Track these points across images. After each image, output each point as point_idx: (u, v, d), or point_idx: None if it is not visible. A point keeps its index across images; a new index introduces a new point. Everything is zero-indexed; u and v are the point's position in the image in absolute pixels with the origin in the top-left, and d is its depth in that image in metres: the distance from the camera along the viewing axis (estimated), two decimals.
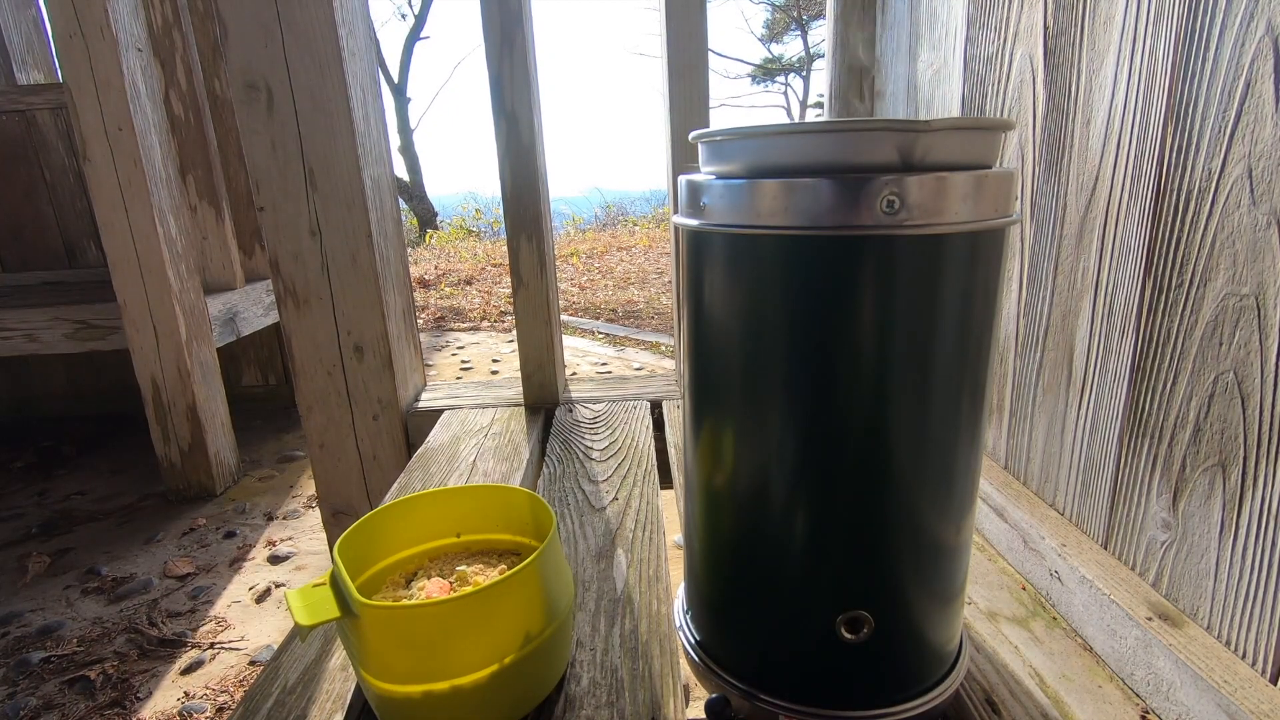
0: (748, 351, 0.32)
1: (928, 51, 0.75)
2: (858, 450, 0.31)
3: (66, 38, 1.51)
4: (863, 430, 0.30)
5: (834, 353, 0.30)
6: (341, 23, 0.84)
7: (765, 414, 0.32)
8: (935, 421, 0.31)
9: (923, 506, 0.31)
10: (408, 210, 9.75)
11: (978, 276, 0.31)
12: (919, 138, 0.29)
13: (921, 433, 0.31)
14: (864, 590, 0.32)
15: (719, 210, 0.32)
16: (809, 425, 0.31)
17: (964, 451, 0.32)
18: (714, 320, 0.33)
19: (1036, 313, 0.58)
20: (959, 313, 0.31)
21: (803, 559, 0.31)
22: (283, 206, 0.89)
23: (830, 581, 0.32)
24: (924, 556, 0.32)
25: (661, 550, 0.60)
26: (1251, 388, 0.39)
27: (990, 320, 0.32)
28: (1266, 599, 0.38)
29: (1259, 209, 0.38)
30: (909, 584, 0.32)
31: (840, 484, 0.31)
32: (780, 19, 17.22)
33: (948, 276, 0.30)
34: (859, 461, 0.31)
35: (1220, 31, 0.40)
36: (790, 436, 0.31)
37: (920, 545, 0.32)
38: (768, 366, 0.32)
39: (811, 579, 0.32)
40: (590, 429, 0.89)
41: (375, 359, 0.94)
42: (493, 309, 3.85)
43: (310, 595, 0.38)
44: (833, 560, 0.31)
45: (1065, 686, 0.44)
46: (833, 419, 0.31)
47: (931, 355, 0.31)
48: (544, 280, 0.96)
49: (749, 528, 0.33)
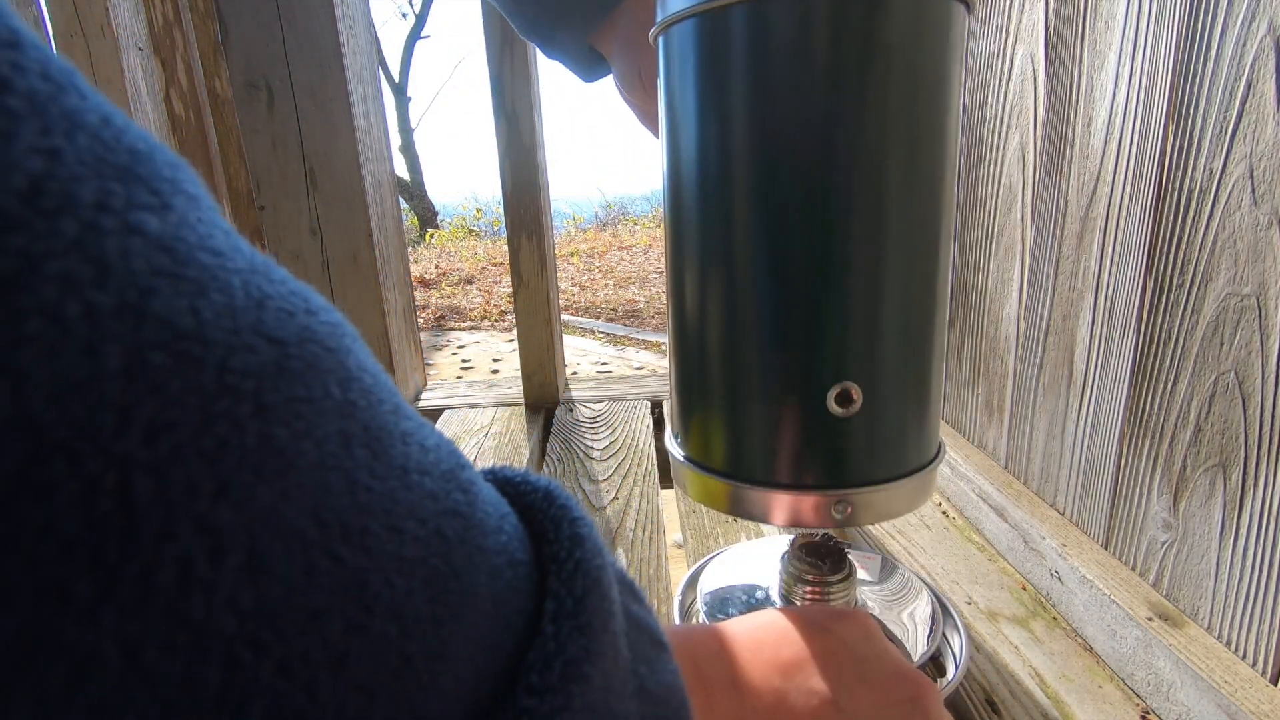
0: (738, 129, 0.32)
1: None
2: (849, 228, 0.32)
3: (67, 37, 1.51)
4: (853, 208, 0.31)
5: (826, 119, 0.31)
6: (342, 21, 0.84)
7: (754, 205, 0.33)
8: (916, 202, 0.32)
9: (913, 273, 0.33)
10: (408, 209, 9.75)
11: (945, 39, 0.32)
12: None
13: (904, 212, 0.32)
14: (856, 361, 0.33)
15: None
16: (804, 208, 0.32)
17: (943, 247, 0.34)
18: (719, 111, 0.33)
19: (1037, 313, 0.58)
20: (925, 78, 0.32)
21: (799, 325, 0.32)
22: (283, 205, 0.89)
23: (825, 350, 0.33)
24: (912, 325, 0.33)
25: (662, 550, 0.60)
26: (1252, 388, 0.39)
27: (941, 84, 0.33)
28: (1267, 599, 0.38)
29: (1260, 209, 0.38)
30: (897, 354, 0.33)
31: (832, 261, 0.32)
32: None
33: (928, 39, 0.31)
34: (851, 238, 0.32)
35: (1221, 32, 0.40)
36: (791, 220, 0.32)
37: (910, 313, 0.33)
38: (759, 143, 0.32)
39: (806, 349, 0.33)
40: (590, 428, 0.89)
41: (375, 358, 0.94)
42: (493, 308, 3.85)
43: None
44: (833, 325, 0.32)
45: (1065, 686, 0.44)
46: (829, 198, 0.31)
47: (914, 120, 0.31)
48: (544, 279, 0.96)
49: (739, 303, 0.34)
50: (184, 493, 0.10)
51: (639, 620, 0.19)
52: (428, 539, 0.14)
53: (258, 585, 0.11)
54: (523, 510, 0.18)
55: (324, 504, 0.12)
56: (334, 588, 0.12)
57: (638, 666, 0.18)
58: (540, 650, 0.15)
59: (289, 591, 0.12)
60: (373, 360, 0.15)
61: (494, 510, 0.17)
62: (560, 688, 0.15)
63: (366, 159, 0.90)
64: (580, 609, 0.16)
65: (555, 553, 0.17)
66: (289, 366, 0.12)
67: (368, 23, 0.93)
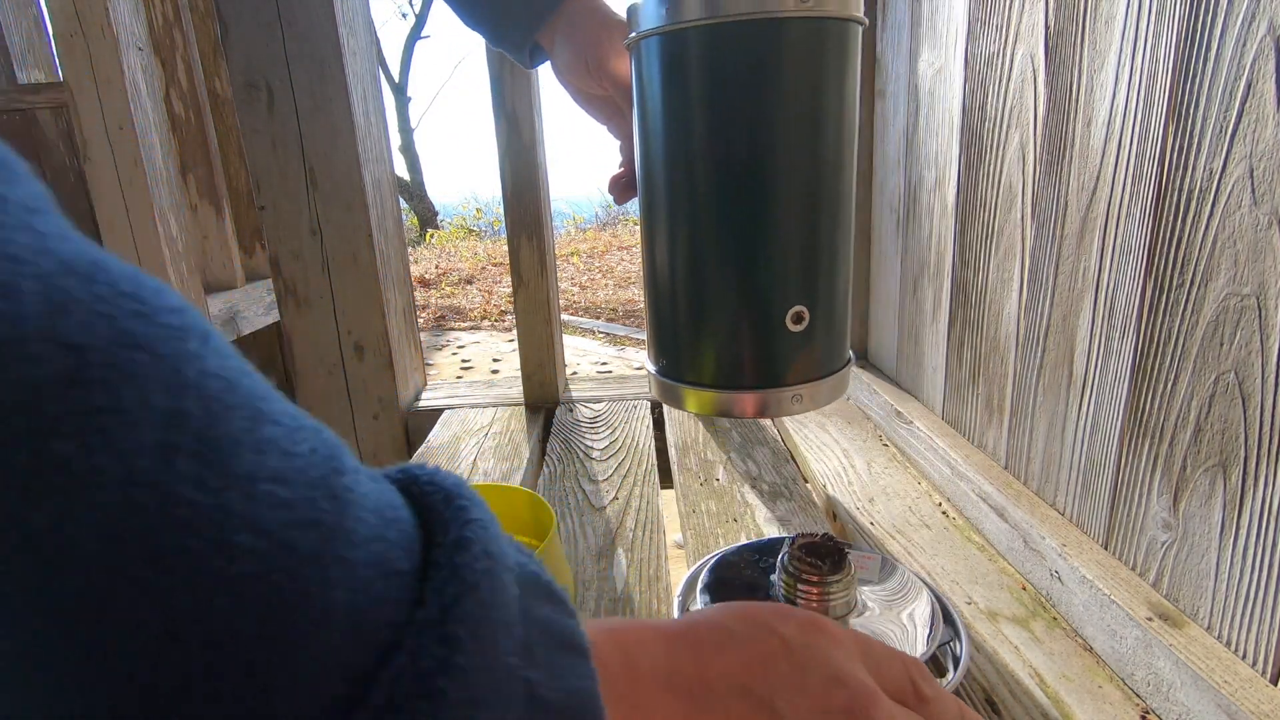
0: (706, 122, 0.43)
1: (928, 51, 0.75)
2: (791, 183, 0.44)
3: (67, 37, 1.51)
4: (790, 170, 0.43)
5: (761, 112, 0.42)
6: (342, 21, 0.84)
7: (714, 174, 0.44)
8: (833, 164, 0.44)
9: (832, 225, 0.45)
10: (408, 209, 9.75)
11: (844, 55, 0.44)
12: None
13: (826, 170, 0.44)
14: (803, 291, 0.45)
15: (689, 7, 0.42)
16: (752, 176, 0.43)
17: (845, 194, 0.46)
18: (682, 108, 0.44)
19: (1037, 313, 0.58)
20: (833, 81, 0.43)
21: (764, 270, 0.44)
22: (283, 205, 0.89)
23: (783, 285, 0.45)
24: (836, 264, 0.46)
25: (662, 550, 0.60)
26: (1252, 388, 0.39)
27: (845, 85, 0.44)
28: (1267, 599, 0.38)
29: (1260, 209, 0.38)
30: (829, 287, 0.46)
31: (779, 210, 0.44)
32: None
33: (824, 51, 0.42)
34: (793, 190, 0.44)
35: (1221, 32, 0.40)
36: (748, 182, 0.43)
37: (833, 256, 0.46)
38: (720, 133, 0.43)
39: (770, 286, 0.45)
40: (590, 428, 0.89)
41: (376, 358, 0.94)
42: (493, 308, 3.85)
43: None
44: (787, 267, 0.45)
45: (1065, 686, 0.44)
46: (768, 166, 0.43)
47: (825, 112, 0.43)
48: (544, 279, 0.96)
49: (719, 260, 0.45)
50: None
51: (547, 624, 0.18)
52: (268, 553, 0.13)
53: (27, 622, 0.11)
54: (422, 512, 0.18)
55: (125, 524, 0.11)
56: (127, 613, 0.12)
57: (530, 674, 0.17)
58: (393, 666, 0.15)
59: (71, 620, 0.11)
60: (235, 364, 0.14)
61: (375, 517, 0.16)
62: (406, 706, 0.14)
63: (366, 159, 0.90)
64: (446, 617, 0.15)
65: (436, 558, 0.16)
66: (86, 376, 0.11)
67: (368, 23, 0.93)
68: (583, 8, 0.51)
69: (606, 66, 0.50)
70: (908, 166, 0.82)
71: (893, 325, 0.89)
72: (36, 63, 2.30)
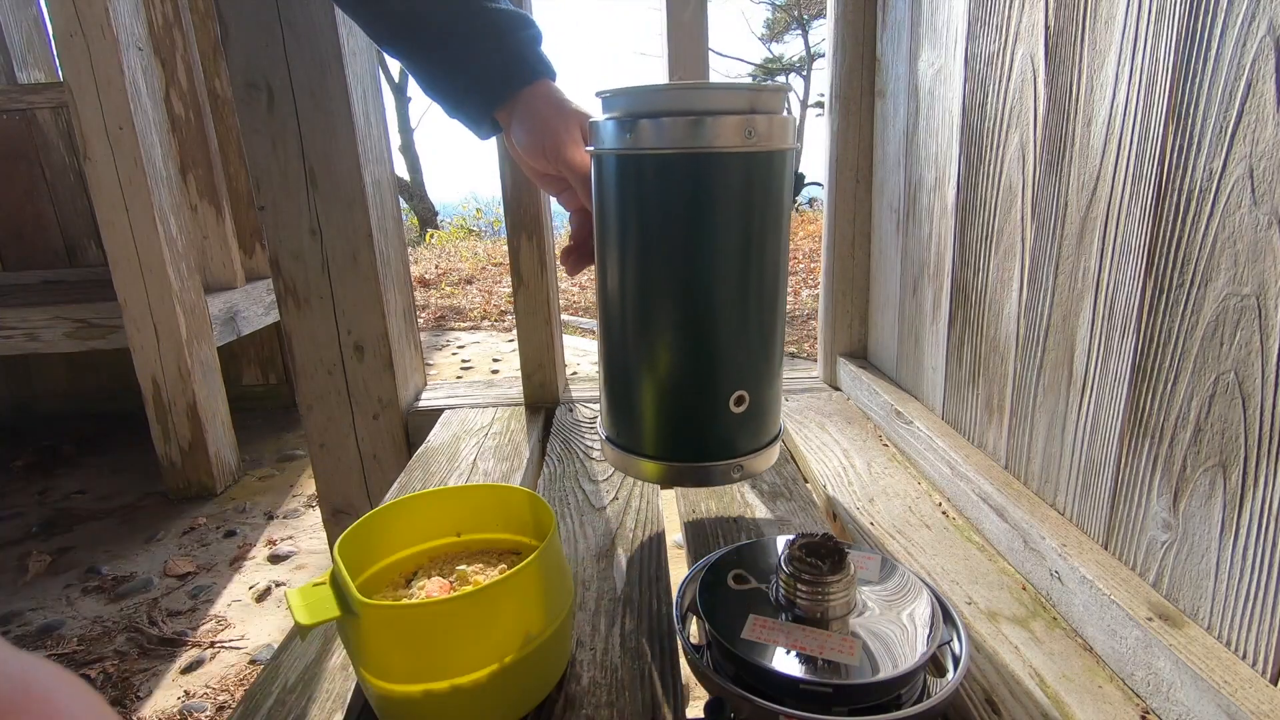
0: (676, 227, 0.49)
1: (929, 51, 0.75)
2: (737, 285, 0.50)
3: (67, 36, 1.51)
4: (737, 275, 0.50)
5: (707, 227, 0.48)
6: (342, 21, 0.84)
7: (665, 275, 0.50)
8: (769, 269, 0.51)
9: (770, 320, 0.52)
10: (408, 210, 9.75)
11: (783, 178, 0.51)
12: (760, 94, 0.48)
13: (761, 275, 0.50)
14: (745, 378, 0.52)
15: (645, 137, 0.48)
16: (711, 277, 0.49)
17: (779, 294, 0.53)
18: (650, 222, 0.50)
19: (1037, 313, 0.58)
20: (773, 200, 0.50)
21: (712, 361, 0.51)
22: (283, 205, 0.89)
23: (728, 373, 0.51)
24: (771, 352, 0.53)
25: (661, 550, 0.60)
26: (1252, 388, 0.39)
27: (782, 203, 0.51)
28: (1267, 599, 0.38)
29: (1260, 209, 0.38)
30: (766, 374, 0.53)
31: (726, 309, 0.50)
32: (781, 18, 17.21)
33: (768, 176, 0.49)
34: (735, 293, 0.50)
35: (1221, 32, 0.40)
36: (700, 286, 0.49)
37: (769, 346, 0.53)
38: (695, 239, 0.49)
39: (717, 374, 0.51)
40: (590, 428, 0.89)
41: (376, 358, 0.94)
42: (493, 308, 3.85)
43: (310, 594, 0.38)
44: (733, 358, 0.51)
45: (1065, 686, 0.44)
46: (718, 273, 0.49)
47: (760, 226, 0.49)
48: (544, 279, 0.96)
49: (673, 352, 0.52)
50: None
51: None
52: None
53: None
54: None
55: None
56: None
57: None
58: None
59: None
60: None
61: None
62: None
63: (366, 159, 0.90)
64: None
65: None
66: None
67: None
68: (539, 95, 0.55)
69: (562, 154, 0.54)
70: (908, 166, 0.82)
71: (893, 325, 0.89)
72: (36, 63, 2.30)
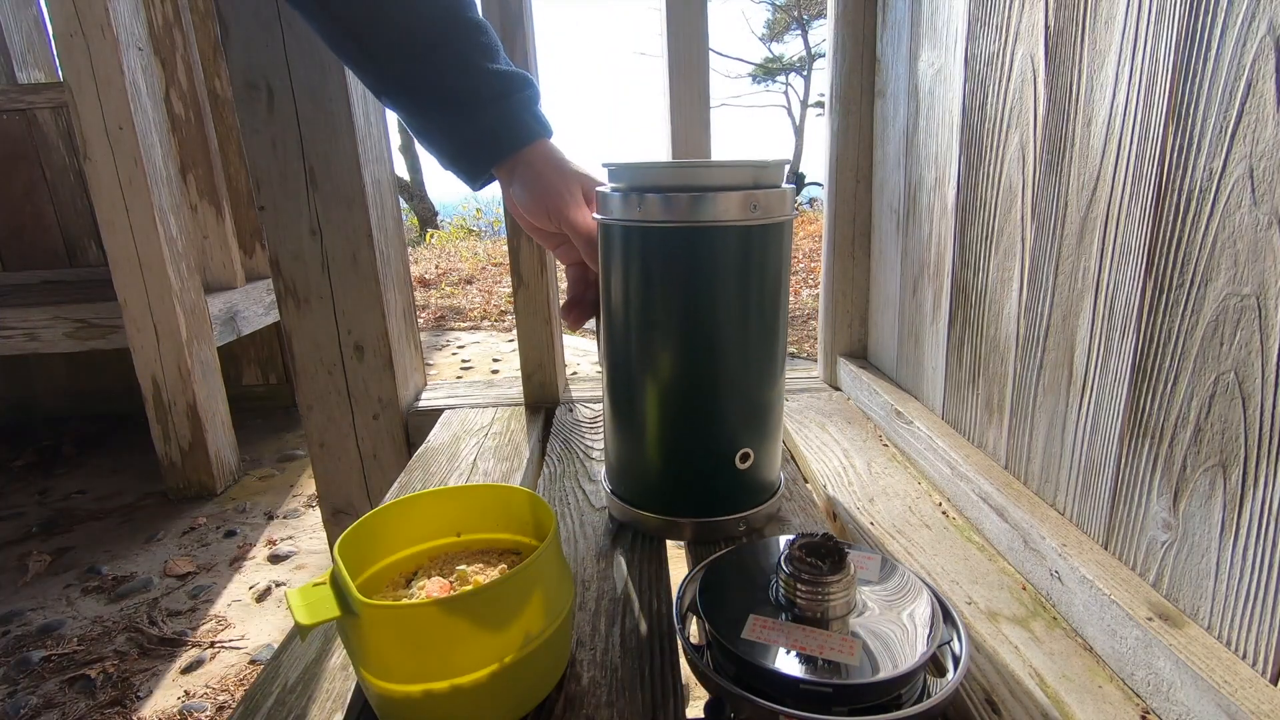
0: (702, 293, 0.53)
1: (928, 51, 0.75)
2: (736, 353, 0.54)
3: (67, 37, 1.51)
4: (739, 336, 0.54)
5: (711, 295, 0.52)
6: None
7: (672, 339, 0.53)
8: (771, 329, 0.55)
9: (772, 385, 0.57)
10: (408, 210, 9.75)
11: (782, 246, 0.55)
12: (763, 170, 0.52)
13: (765, 341, 0.55)
14: (749, 436, 0.56)
15: (652, 210, 0.52)
16: (703, 344, 0.53)
17: (781, 352, 0.57)
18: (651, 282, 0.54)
19: (1037, 313, 0.58)
20: (773, 265, 0.54)
21: (719, 422, 0.55)
22: (283, 205, 0.89)
23: (734, 433, 0.56)
24: (773, 413, 0.58)
25: (661, 550, 0.60)
26: (1252, 388, 0.39)
27: (782, 267, 0.55)
28: (1267, 599, 0.38)
29: (1260, 209, 0.38)
30: (768, 430, 0.57)
31: (724, 376, 0.54)
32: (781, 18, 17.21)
33: (768, 245, 0.53)
34: (738, 354, 0.54)
35: (1221, 32, 0.40)
36: (704, 351, 0.54)
37: (770, 407, 0.57)
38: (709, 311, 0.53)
39: (723, 433, 0.55)
40: (590, 428, 0.89)
41: (376, 358, 0.94)
42: (493, 308, 3.85)
43: (310, 594, 0.38)
44: (738, 418, 0.56)
45: (1065, 686, 0.44)
46: (721, 338, 0.53)
47: (760, 291, 0.53)
48: (544, 279, 0.96)
49: (679, 414, 0.56)
50: None
51: None
52: None
53: None
54: None
55: None
56: None
57: None
58: None
59: None
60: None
61: None
62: None
63: (366, 159, 0.90)
64: None
65: None
66: None
67: None
68: (539, 155, 0.55)
69: (565, 216, 0.55)
70: (908, 166, 0.82)
71: (893, 325, 0.89)
72: (36, 63, 2.30)
